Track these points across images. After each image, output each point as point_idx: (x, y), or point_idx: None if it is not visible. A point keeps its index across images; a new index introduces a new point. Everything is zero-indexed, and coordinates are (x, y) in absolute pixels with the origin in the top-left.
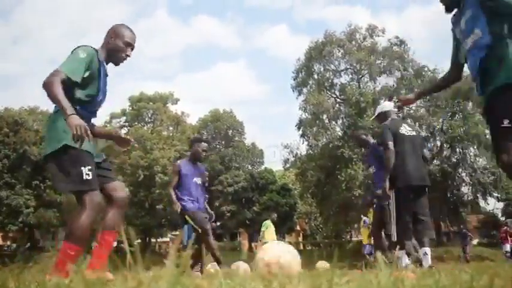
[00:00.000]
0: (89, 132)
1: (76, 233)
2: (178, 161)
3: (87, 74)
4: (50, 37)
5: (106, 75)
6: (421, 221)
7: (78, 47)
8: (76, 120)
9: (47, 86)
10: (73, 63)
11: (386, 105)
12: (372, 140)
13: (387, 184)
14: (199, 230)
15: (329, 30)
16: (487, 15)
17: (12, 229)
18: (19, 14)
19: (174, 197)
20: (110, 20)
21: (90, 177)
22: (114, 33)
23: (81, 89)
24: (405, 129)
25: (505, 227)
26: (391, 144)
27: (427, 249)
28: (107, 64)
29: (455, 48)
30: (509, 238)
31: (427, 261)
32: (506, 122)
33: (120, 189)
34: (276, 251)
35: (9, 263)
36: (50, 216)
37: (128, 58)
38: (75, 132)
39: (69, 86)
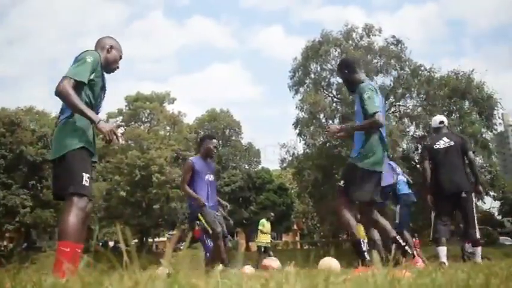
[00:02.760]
0: (118, 133)
1: (67, 230)
2: (191, 158)
3: (92, 76)
4: (46, 38)
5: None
6: (464, 223)
7: (84, 51)
8: (106, 125)
9: (64, 95)
10: (79, 67)
11: (432, 122)
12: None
13: (429, 196)
14: (210, 231)
15: (325, 30)
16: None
17: (8, 229)
18: (15, 16)
19: (192, 192)
20: (105, 21)
21: (88, 185)
22: (113, 44)
23: (89, 91)
24: (442, 143)
25: None
26: (426, 163)
27: (475, 249)
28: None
29: None
30: None
31: (476, 257)
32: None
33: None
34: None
35: (6, 263)
36: (47, 216)
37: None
38: (108, 137)
39: (78, 90)
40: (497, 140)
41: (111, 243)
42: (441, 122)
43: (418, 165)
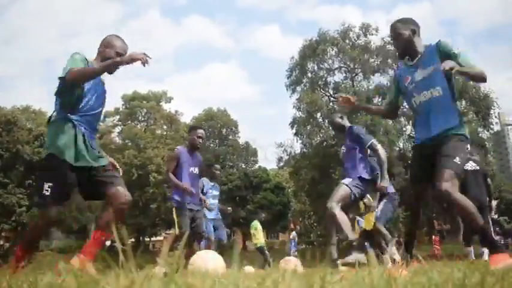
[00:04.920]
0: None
1: (25, 237)
2: (178, 147)
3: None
4: (43, 38)
5: (102, 83)
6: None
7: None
8: (127, 56)
9: (79, 74)
10: (74, 62)
11: None
12: (348, 124)
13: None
14: (177, 231)
15: (322, 29)
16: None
17: (5, 228)
18: (11, 15)
19: (177, 181)
20: (102, 20)
21: (48, 194)
22: (107, 43)
23: (70, 94)
24: (470, 165)
25: None
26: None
27: (482, 249)
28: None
29: (397, 91)
30: None
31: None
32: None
33: (121, 197)
34: None
35: (2, 263)
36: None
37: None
38: (143, 58)
39: (73, 86)
40: (494, 139)
41: (107, 243)
42: None
43: None
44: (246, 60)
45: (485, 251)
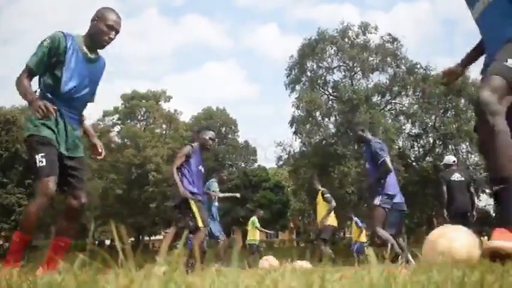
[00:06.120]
0: (50, 107)
1: (24, 221)
2: (193, 144)
3: (53, 60)
4: (40, 37)
5: (90, 59)
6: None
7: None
8: (36, 102)
9: (16, 84)
10: (36, 54)
11: (446, 160)
12: (369, 136)
13: (444, 211)
14: (200, 224)
15: (321, 28)
16: None
17: (4, 228)
18: (9, 15)
19: (180, 183)
20: None
21: (44, 164)
22: (97, 16)
23: (48, 74)
24: (456, 177)
25: None
26: (444, 188)
27: None
28: (92, 49)
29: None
30: None
31: None
32: None
33: (78, 197)
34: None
35: (2, 262)
36: (42, 215)
37: (114, 45)
38: (37, 114)
39: (37, 74)
40: None
41: (107, 242)
42: (454, 161)
43: (413, 163)
44: (245, 59)
45: None
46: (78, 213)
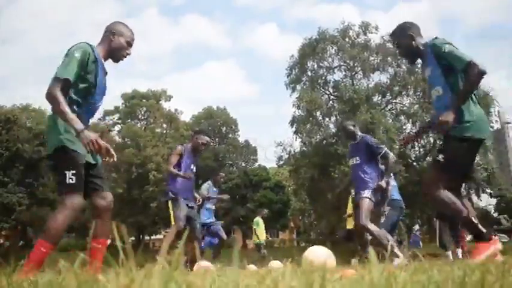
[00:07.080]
0: (100, 143)
1: (51, 232)
2: (184, 144)
3: (83, 72)
4: (41, 36)
5: (105, 72)
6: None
7: (73, 46)
8: (88, 136)
9: (51, 100)
10: (69, 65)
11: None
12: (359, 133)
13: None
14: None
15: (322, 28)
16: (444, 72)
17: (5, 227)
18: (8, 15)
19: (178, 172)
20: (99, 19)
21: (74, 182)
22: (115, 30)
23: (77, 88)
24: None
25: None
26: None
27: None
28: (105, 61)
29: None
30: None
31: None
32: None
33: (105, 197)
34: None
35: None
36: (43, 214)
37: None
38: (89, 148)
39: (67, 88)
40: (494, 137)
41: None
42: None
43: (414, 163)
44: (244, 58)
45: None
46: (109, 212)
